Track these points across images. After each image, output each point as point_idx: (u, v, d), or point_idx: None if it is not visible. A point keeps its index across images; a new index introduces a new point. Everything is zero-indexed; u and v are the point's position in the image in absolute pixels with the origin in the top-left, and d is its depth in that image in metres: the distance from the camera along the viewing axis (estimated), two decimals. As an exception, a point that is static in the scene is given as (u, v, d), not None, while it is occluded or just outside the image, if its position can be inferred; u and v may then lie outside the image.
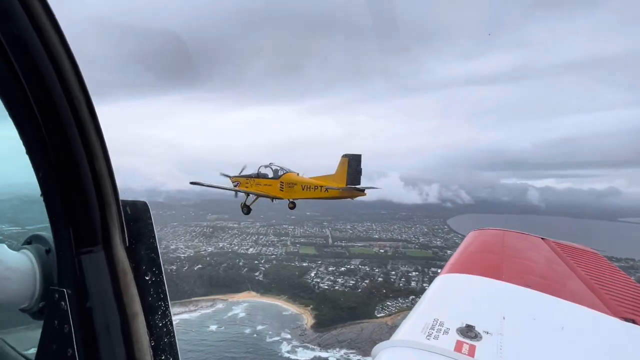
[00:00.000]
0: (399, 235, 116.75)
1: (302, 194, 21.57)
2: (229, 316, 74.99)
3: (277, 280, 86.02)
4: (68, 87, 1.16)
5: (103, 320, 1.28)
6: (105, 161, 1.29)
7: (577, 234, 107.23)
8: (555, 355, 3.24)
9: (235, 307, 78.18)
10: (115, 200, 1.35)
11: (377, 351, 3.07)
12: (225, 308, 77.97)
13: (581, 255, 6.74)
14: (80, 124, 1.20)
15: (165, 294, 1.47)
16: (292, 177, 21.81)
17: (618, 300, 4.46)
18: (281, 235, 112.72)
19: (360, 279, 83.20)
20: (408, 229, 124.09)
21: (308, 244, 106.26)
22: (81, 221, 1.30)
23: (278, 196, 21.89)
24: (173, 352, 1.42)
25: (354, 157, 20.98)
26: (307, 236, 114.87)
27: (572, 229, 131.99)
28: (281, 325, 71.40)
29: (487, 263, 5.61)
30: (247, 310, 77.21)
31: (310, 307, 76.19)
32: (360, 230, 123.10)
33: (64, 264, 1.34)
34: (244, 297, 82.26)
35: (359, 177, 20.87)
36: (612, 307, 4.15)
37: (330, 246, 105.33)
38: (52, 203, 1.31)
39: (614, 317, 3.92)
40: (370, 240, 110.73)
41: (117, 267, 1.35)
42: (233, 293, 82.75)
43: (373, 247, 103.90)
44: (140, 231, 1.48)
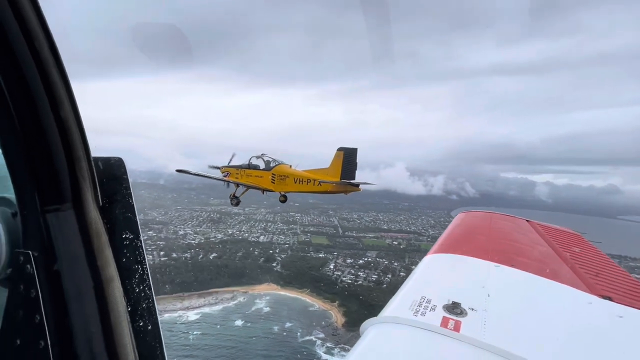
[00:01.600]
0: (407, 226, 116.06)
1: (294, 187, 20.82)
2: (253, 311, 72.34)
3: (296, 272, 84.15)
4: (25, 22, 1.00)
5: (74, 284, 1.17)
6: (73, 109, 1.16)
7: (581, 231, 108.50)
8: (536, 330, 3.32)
9: (258, 301, 75.66)
10: (86, 155, 1.23)
11: (365, 327, 3.16)
12: (247, 301, 75.30)
13: (564, 237, 6.86)
14: (41, 66, 1.05)
15: (143, 257, 1.38)
16: (284, 170, 20.96)
17: (597, 279, 4.57)
18: (290, 223, 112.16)
19: (381, 273, 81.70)
20: (414, 220, 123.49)
21: (319, 234, 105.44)
22: (46, 176, 1.17)
23: (269, 188, 21.02)
24: (152, 318, 1.34)
25: (349, 151, 20.00)
26: (315, 225, 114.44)
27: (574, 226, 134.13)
28: (310, 323, 68.89)
29: (474, 244, 5.69)
30: (270, 304, 74.56)
31: (337, 303, 73.95)
32: (368, 221, 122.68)
33: (28, 224, 1.23)
34: (264, 289, 79.70)
35: (354, 172, 19.93)
36: (591, 286, 4.28)
37: (341, 236, 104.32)
38: (12, 155, 1.18)
39: (592, 294, 4.06)
40: (380, 231, 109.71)
41: (89, 227, 1.24)
42: (253, 285, 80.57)
43: (385, 238, 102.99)
44: (115, 190, 1.37)
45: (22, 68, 1.03)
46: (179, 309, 69.75)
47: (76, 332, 1.14)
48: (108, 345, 1.17)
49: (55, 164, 1.16)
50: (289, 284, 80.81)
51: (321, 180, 20.11)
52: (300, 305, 74.82)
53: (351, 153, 20.10)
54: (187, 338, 62.41)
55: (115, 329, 1.20)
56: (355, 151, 20.21)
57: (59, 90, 1.11)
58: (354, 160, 20.09)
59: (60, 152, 1.15)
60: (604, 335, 3.49)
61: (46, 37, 1.05)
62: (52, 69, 1.08)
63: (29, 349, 1.15)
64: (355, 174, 20.04)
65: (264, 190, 21.27)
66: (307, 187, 20.65)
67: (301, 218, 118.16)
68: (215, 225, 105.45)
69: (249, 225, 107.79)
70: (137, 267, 1.36)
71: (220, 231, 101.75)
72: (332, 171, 20.09)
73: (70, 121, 1.15)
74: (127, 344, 1.22)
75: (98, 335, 1.16)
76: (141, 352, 1.28)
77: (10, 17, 0.97)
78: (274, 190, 21.14)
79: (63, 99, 1.12)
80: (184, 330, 64.40)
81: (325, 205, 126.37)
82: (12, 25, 0.98)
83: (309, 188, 20.66)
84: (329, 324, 69.13)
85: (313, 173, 20.81)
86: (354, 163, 20.07)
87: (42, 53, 1.04)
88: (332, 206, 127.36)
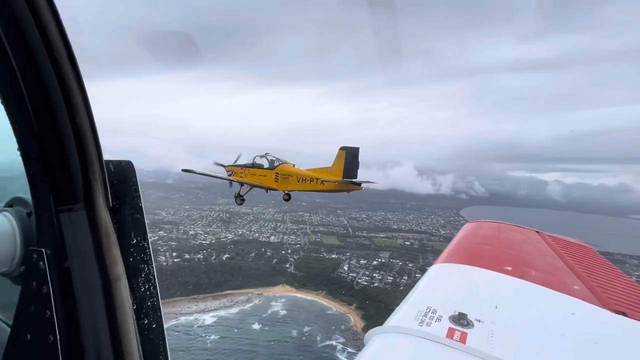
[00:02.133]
0: (418, 226, 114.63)
1: (297, 186, 21.06)
2: (270, 314, 70.98)
3: (310, 273, 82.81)
4: (46, 32, 1.07)
5: (84, 281, 1.22)
6: (88, 115, 1.22)
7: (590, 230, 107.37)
8: (545, 345, 3.22)
9: (273, 303, 74.25)
10: (98, 158, 1.28)
11: (369, 337, 3.14)
12: (263, 304, 73.89)
13: (574, 249, 6.69)
14: (59, 73, 1.12)
15: (150, 257, 1.41)
16: (287, 169, 21.15)
17: (609, 293, 4.41)
18: (299, 223, 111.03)
19: (397, 274, 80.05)
20: (424, 219, 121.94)
21: (329, 234, 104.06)
22: (60, 177, 1.23)
23: (272, 187, 21.40)
24: (156, 316, 1.37)
25: (351, 150, 20.17)
26: (325, 225, 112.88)
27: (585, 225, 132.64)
28: (329, 327, 67.41)
29: (482, 254, 5.57)
30: (286, 307, 73.25)
31: (354, 306, 72.61)
32: (377, 220, 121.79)
33: (42, 223, 1.29)
34: (279, 291, 78.40)
35: (356, 171, 20.09)
36: (604, 300, 4.13)
37: (352, 236, 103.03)
38: (30, 157, 1.25)
39: (605, 309, 3.92)
40: (390, 230, 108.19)
41: (99, 227, 1.28)
42: (267, 287, 79.29)
43: (396, 238, 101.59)
44: (125, 192, 1.42)
45: (43, 77, 1.10)
46: (195, 312, 68.98)
47: (84, 327, 1.18)
48: (114, 341, 1.20)
49: (70, 167, 1.21)
50: (303, 286, 79.36)
51: (324, 179, 20.26)
52: (317, 309, 73.11)
53: (353, 152, 20.17)
54: (205, 342, 61.60)
55: (121, 325, 1.23)
56: (357, 150, 20.27)
57: (75, 97, 1.16)
58: (356, 159, 20.17)
59: (74, 156, 1.20)
60: (619, 353, 3.35)
61: (65, 46, 1.11)
62: (70, 77, 1.14)
63: (39, 343, 1.19)
64: (357, 172, 20.09)
65: (267, 189, 21.49)
66: (309, 185, 20.84)
67: (310, 218, 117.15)
68: (225, 225, 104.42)
69: (259, 225, 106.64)
70: (143, 266, 1.38)
71: (231, 231, 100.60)
72: (334, 170, 20.16)
73: (85, 126, 1.20)
74: (132, 341, 1.25)
75: (105, 331, 1.20)
76: (145, 348, 1.30)
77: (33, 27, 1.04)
78: (278, 189, 21.39)
79: (79, 106, 1.18)
80: (202, 334, 63.71)
81: (333, 205, 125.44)
82: (34, 35, 1.05)
83: (312, 187, 20.87)
84: (348, 328, 67.55)
85: (316, 172, 20.95)
86: (356, 162, 20.14)
87: (61, 62, 1.11)
88: (340, 206, 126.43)
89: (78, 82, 1.16)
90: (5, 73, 1.12)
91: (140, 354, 1.27)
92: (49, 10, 1.06)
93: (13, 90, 1.14)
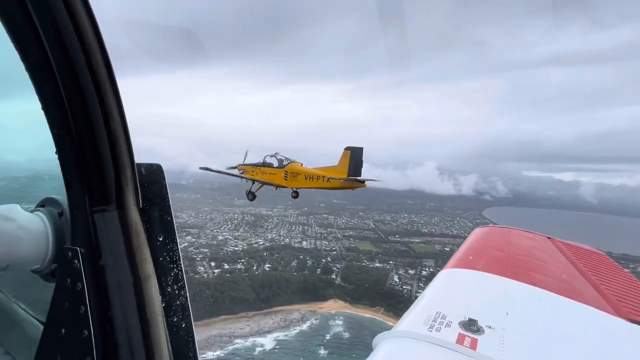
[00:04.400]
0: (447, 229, 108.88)
1: (305, 184, 22.20)
2: (333, 336, 63.53)
3: (360, 285, 75.80)
4: (85, 42, 1.12)
5: (116, 279, 1.26)
6: (121, 121, 1.27)
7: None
8: (557, 353, 3.18)
9: (332, 323, 67.15)
10: (130, 161, 1.33)
11: (378, 341, 3.13)
12: (321, 323, 66.61)
13: (587, 256, 6.48)
14: (96, 80, 1.17)
15: (178, 257, 1.44)
16: (296, 167, 22.43)
17: (624, 301, 4.29)
18: (326, 226, 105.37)
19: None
20: (449, 222, 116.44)
21: (361, 239, 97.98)
22: (95, 179, 1.28)
23: (282, 185, 22.51)
24: (185, 314, 1.40)
25: (355, 150, 21.22)
26: (353, 228, 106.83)
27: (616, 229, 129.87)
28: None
29: (492, 259, 5.48)
30: (348, 328, 65.74)
31: (423, 327, 66.28)
32: (403, 223, 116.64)
33: (77, 222, 1.34)
34: (332, 307, 71.32)
35: (360, 169, 21.09)
36: (618, 308, 4.04)
37: (385, 241, 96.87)
38: (67, 160, 1.31)
39: (620, 317, 3.83)
40: (421, 234, 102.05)
41: (130, 227, 1.33)
42: (318, 301, 72.41)
43: (432, 243, 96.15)
44: (155, 193, 1.46)
45: (81, 84, 1.15)
46: (249, 334, 61.99)
47: (117, 323, 1.21)
48: (145, 338, 1.24)
49: (104, 169, 1.26)
50: (357, 301, 72.02)
51: (329, 177, 21.43)
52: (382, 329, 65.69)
53: (357, 152, 21.23)
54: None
55: (151, 322, 1.26)
56: (361, 150, 21.33)
57: (110, 103, 1.21)
58: (360, 158, 21.19)
59: (108, 159, 1.25)
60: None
61: (102, 53, 1.16)
62: (106, 84, 1.19)
63: (74, 338, 1.24)
64: (361, 171, 21.13)
65: (277, 186, 22.76)
66: (316, 183, 21.97)
67: (335, 220, 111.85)
68: (252, 229, 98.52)
69: (286, 229, 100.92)
70: (172, 266, 1.41)
71: (259, 235, 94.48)
72: (339, 168, 21.26)
73: (118, 130, 1.25)
74: (161, 338, 1.27)
75: (136, 328, 1.23)
76: (175, 346, 1.32)
77: (73, 35, 1.09)
78: (287, 186, 22.62)
79: (114, 111, 1.23)
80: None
81: (352, 206, 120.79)
82: (74, 43, 1.10)
83: (319, 184, 21.99)
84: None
85: (322, 170, 22.16)
86: (360, 161, 21.15)
87: (98, 69, 1.16)
88: (360, 207, 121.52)
89: (113, 88, 1.21)
90: (47, 80, 1.18)
91: (169, 351, 1.28)
92: (87, 17, 1.11)
93: (54, 97, 1.20)
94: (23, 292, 2.05)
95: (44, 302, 1.40)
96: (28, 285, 1.94)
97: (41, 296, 1.59)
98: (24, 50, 1.20)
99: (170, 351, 1.29)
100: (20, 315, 1.94)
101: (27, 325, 1.90)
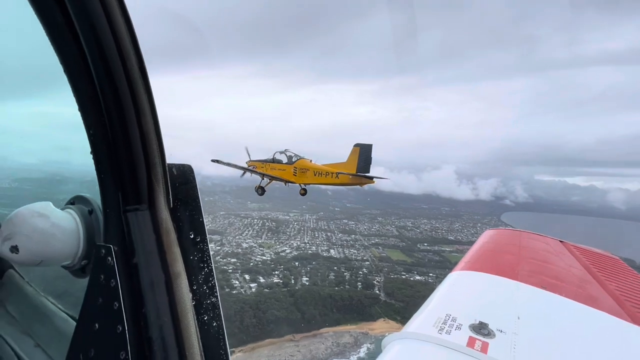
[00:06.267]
0: (474, 237, 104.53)
1: (314, 180, 22.51)
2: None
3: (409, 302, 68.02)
4: (120, 43, 1.14)
5: (148, 277, 1.28)
6: (153, 121, 1.28)
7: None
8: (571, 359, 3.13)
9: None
10: (162, 161, 1.34)
11: (387, 342, 3.08)
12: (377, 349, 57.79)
13: (601, 260, 6.13)
14: (130, 81, 1.19)
15: (208, 256, 1.45)
16: (305, 164, 22.73)
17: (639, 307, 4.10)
18: (348, 233, 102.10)
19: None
20: (470, 228, 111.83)
21: (389, 247, 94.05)
22: (128, 179, 1.30)
23: (291, 180, 22.84)
24: (215, 313, 1.41)
25: (364, 147, 21.46)
26: (377, 235, 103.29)
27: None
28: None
29: (503, 262, 5.35)
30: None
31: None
32: (427, 229, 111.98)
33: (110, 221, 1.36)
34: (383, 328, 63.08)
35: (368, 166, 21.30)
36: (633, 315, 3.89)
37: (416, 250, 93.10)
38: (101, 160, 1.33)
39: (637, 325, 3.69)
40: (448, 242, 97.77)
41: (160, 226, 1.34)
42: (366, 321, 65.55)
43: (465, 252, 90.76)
44: (185, 193, 1.47)
45: (117, 87, 1.17)
46: (304, 362, 53.86)
47: (149, 319, 1.23)
48: (177, 335, 1.25)
49: (136, 170, 1.28)
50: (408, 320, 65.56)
51: (338, 173, 21.58)
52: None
53: (366, 149, 21.46)
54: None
55: (182, 320, 1.27)
56: (370, 147, 21.53)
57: (143, 103, 1.23)
58: (368, 155, 21.36)
59: (140, 159, 1.27)
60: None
61: (136, 55, 1.18)
62: (139, 84, 1.20)
63: (108, 333, 1.26)
64: (370, 167, 21.32)
65: (286, 182, 23.12)
66: (325, 179, 22.29)
67: (357, 226, 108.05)
68: (275, 236, 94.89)
69: (309, 236, 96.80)
70: (202, 265, 1.42)
71: (284, 243, 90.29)
72: (349, 165, 21.46)
73: (150, 131, 1.27)
74: (192, 335, 1.29)
75: (168, 324, 1.24)
76: (205, 343, 1.34)
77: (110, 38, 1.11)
78: (296, 182, 23.07)
79: (146, 111, 1.24)
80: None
81: (368, 211, 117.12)
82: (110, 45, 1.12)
83: (328, 180, 22.29)
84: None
85: (331, 167, 22.31)
86: (368, 158, 21.32)
87: (132, 72, 1.18)
88: (375, 212, 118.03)
89: (146, 88, 1.22)
90: (84, 83, 1.22)
91: (200, 349, 1.30)
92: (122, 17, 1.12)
93: (90, 99, 1.23)
94: (53, 287, 2.09)
95: (73, 297, 1.46)
96: (58, 280, 2.02)
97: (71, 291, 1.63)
98: (62, 51, 1.22)
99: (202, 349, 1.30)
100: (50, 310, 1.98)
101: (56, 319, 1.93)
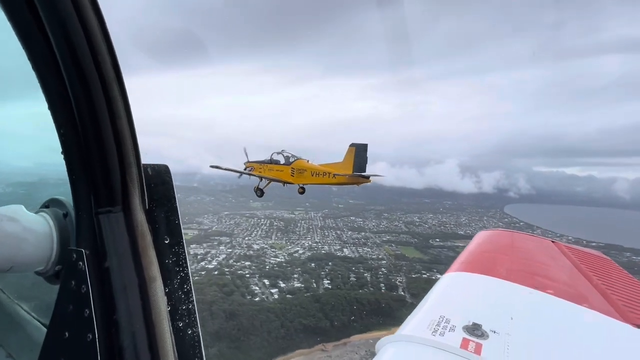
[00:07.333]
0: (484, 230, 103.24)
1: (311, 180, 22.73)
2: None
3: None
4: (93, 41, 1.10)
5: (121, 282, 1.23)
6: (128, 121, 1.24)
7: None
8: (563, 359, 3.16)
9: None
10: (137, 162, 1.30)
11: (380, 346, 3.08)
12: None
13: (593, 261, 6.18)
14: (103, 80, 1.14)
15: (185, 259, 1.40)
16: (302, 164, 22.95)
17: (631, 307, 4.15)
18: (357, 230, 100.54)
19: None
20: (478, 221, 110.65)
21: (402, 244, 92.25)
22: (101, 180, 1.25)
23: (289, 181, 23.11)
24: (191, 319, 1.37)
25: (360, 147, 21.70)
26: (386, 232, 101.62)
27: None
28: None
29: (496, 263, 5.34)
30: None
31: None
32: (435, 224, 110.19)
33: (82, 224, 1.31)
34: (414, 334, 60.00)
35: (364, 165, 21.51)
36: (624, 314, 3.91)
37: (430, 246, 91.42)
38: (72, 161, 1.28)
39: (626, 323, 3.72)
40: (458, 237, 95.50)
41: (135, 229, 1.29)
42: (396, 326, 59.44)
43: None
44: (161, 195, 1.43)
45: (89, 84, 1.12)
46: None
47: (122, 326, 1.18)
48: (150, 342, 1.20)
49: (109, 170, 1.23)
50: (439, 325, 62.38)
51: (335, 173, 21.88)
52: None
53: (362, 148, 21.71)
54: None
55: (157, 326, 1.23)
56: (366, 146, 21.80)
57: (117, 102, 1.18)
58: (364, 155, 21.62)
59: (114, 159, 1.23)
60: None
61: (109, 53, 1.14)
62: (113, 84, 1.16)
63: (77, 341, 1.21)
64: (365, 167, 21.57)
65: (284, 182, 23.33)
66: (323, 179, 22.48)
67: (365, 223, 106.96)
68: (285, 236, 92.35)
69: (319, 235, 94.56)
70: (178, 269, 1.37)
71: (295, 243, 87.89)
72: (345, 165, 21.75)
73: (124, 130, 1.22)
74: (167, 341, 1.24)
75: (141, 331, 1.20)
76: (180, 351, 1.29)
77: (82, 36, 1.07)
78: (294, 183, 23.28)
79: (120, 110, 1.20)
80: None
81: (371, 207, 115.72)
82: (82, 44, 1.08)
83: (325, 180, 22.47)
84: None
85: (328, 167, 22.60)
86: (364, 157, 21.59)
87: (105, 70, 1.13)
88: (379, 207, 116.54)
89: (120, 88, 1.18)
90: (54, 82, 1.17)
91: (175, 356, 1.25)
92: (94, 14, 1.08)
93: (61, 98, 1.18)
94: (26, 294, 2.04)
95: (47, 304, 1.39)
96: (31, 287, 1.96)
97: (44, 298, 1.56)
98: (30, 48, 1.17)
99: (176, 356, 1.26)
100: (23, 318, 1.94)
101: (29, 327, 1.89)
